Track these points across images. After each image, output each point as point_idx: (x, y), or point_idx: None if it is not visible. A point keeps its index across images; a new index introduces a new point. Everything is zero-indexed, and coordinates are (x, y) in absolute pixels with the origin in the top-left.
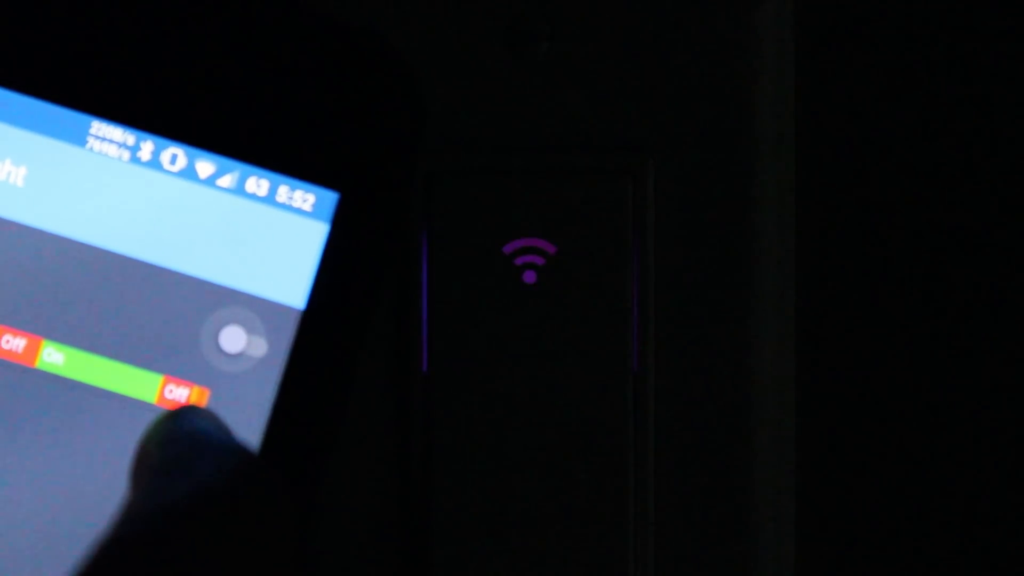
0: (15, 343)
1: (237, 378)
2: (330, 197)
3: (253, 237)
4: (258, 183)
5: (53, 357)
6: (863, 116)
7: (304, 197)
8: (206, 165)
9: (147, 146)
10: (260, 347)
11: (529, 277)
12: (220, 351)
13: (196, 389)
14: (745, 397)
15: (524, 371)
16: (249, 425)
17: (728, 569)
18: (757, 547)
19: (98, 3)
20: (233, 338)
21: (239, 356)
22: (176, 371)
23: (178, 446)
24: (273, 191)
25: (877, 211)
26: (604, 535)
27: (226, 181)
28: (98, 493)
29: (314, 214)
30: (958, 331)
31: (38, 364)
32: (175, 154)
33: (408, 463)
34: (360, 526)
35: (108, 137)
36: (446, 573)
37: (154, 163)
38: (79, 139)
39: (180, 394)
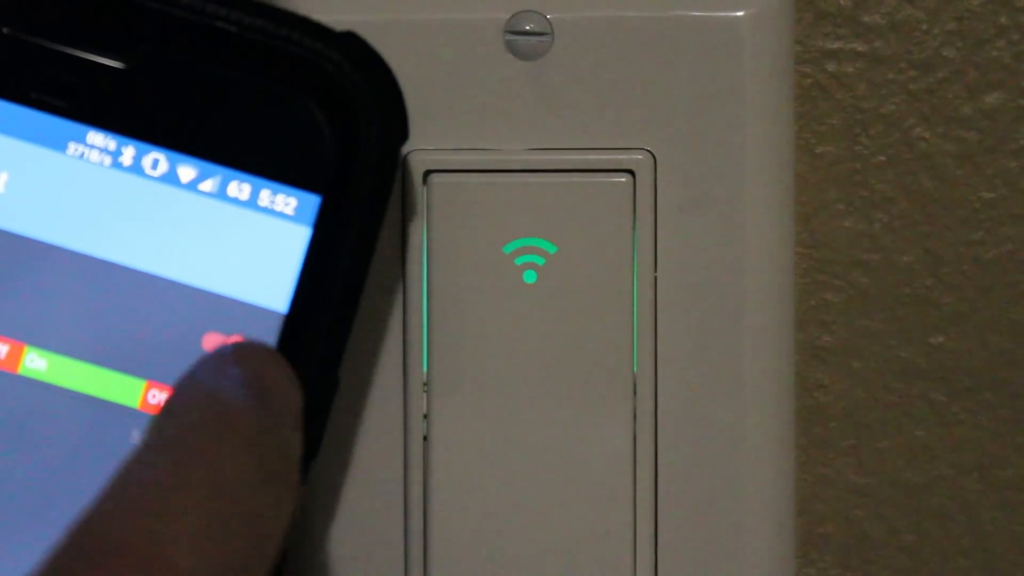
0: None
1: None
2: (312, 200)
3: (235, 241)
4: (240, 187)
5: (36, 363)
6: (863, 114)
7: (286, 201)
8: (187, 170)
9: (128, 151)
10: None
11: (529, 277)
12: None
13: None
14: (744, 397)
15: (524, 371)
16: None
17: (728, 569)
18: (757, 547)
19: (80, 8)
20: (216, 342)
21: None
22: (159, 376)
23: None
24: (255, 195)
25: (877, 210)
26: (604, 535)
27: (208, 185)
28: (81, 498)
29: (296, 218)
30: (958, 331)
31: (21, 370)
32: (156, 159)
33: (408, 464)
34: (360, 526)
35: (89, 142)
36: (446, 572)
37: (135, 168)
38: (60, 144)
39: (163, 399)
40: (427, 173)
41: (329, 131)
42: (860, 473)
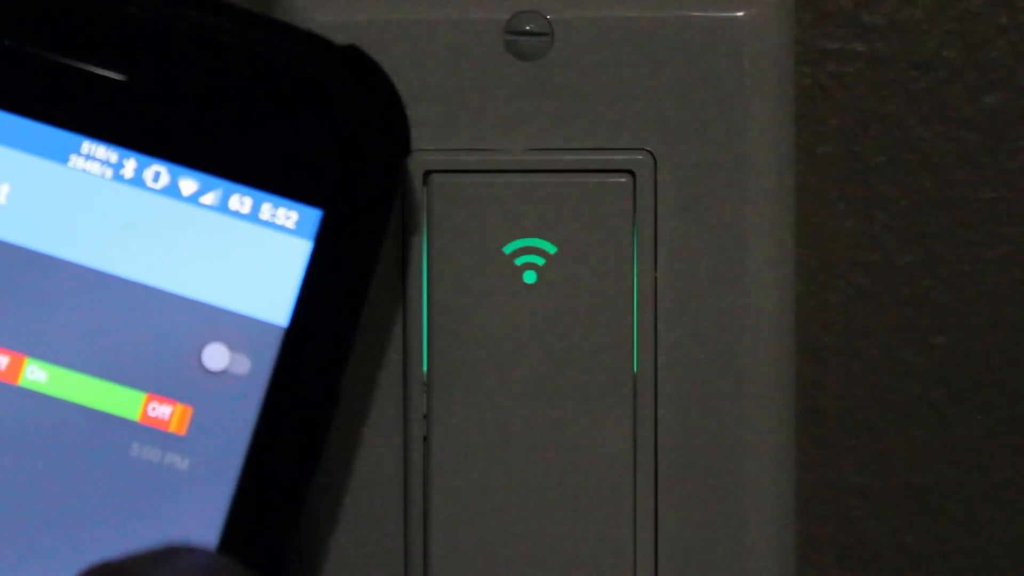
0: None
1: (220, 396)
2: (313, 214)
3: (236, 254)
4: (241, 200)
5: (36, 375)
6: (863, 114)
7: (287, 214)
8: (189, 183)
9: (130, 164)
10: (243, 365)
11: (529, 277)
12: (203, 369)
13: (179, 407)
14: (744, 397)
15: (524, 371)
16: (232, 442)
17: (728, 569)
18: (757, 547)
19: (82, 20)
20: (216, 355)
21: (222, 374)
22: (159, 389)
23: None
24: (256, 208)
25: (877, 209)
26: (605, 535)
27: (209, 199)
28: (80, 510)
29: (297, 231)
30: (959, 331)
31: (21, 382)
32: (158, 172)
33: (408, 464)
34: (360, 526)
35: (91, 155)
36: (446, 572)
37: (137, 181)
38: (62, 157)
39: (163, 411)
40: (427, 173)
41: (331, 145)
42: (860, 473)
